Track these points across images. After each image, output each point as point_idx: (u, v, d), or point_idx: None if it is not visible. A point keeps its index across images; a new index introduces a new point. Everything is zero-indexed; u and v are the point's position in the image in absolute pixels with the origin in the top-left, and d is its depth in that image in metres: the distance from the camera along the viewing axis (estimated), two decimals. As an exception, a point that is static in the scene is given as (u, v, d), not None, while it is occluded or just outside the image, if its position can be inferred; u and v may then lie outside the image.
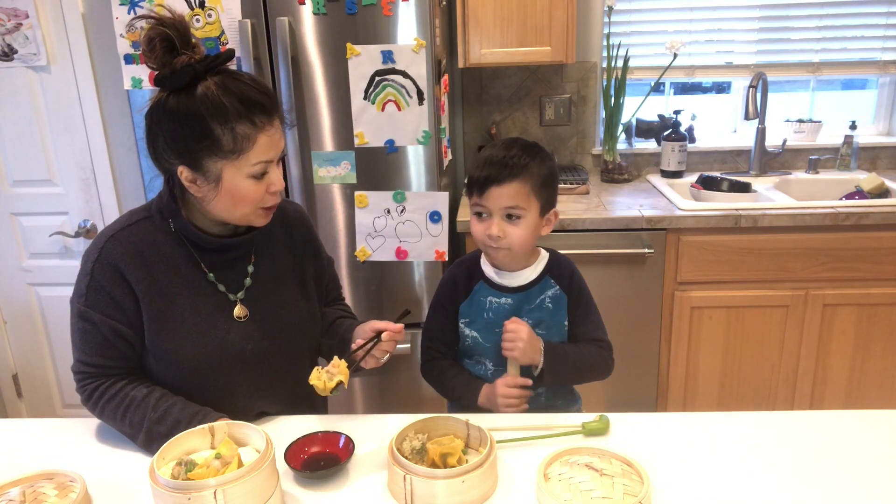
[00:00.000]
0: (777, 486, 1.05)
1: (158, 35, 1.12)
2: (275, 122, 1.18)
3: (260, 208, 1.22)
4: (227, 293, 1.28)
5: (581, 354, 1.37)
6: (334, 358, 1.18)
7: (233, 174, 1.16)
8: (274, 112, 1.17)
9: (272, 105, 1.17)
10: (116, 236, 1.23)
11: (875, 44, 2.75)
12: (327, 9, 1.97)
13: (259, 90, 1.16)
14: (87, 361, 1.23)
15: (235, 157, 1.15)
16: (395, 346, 1.28)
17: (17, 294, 2.58)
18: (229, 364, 1.26)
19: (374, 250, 2.16)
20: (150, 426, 1.18)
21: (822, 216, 2.21)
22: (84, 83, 2.34)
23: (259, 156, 1.16)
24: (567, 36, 2.38)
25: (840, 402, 2.39)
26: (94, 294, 1.21)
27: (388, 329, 1.24)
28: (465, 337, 1.40)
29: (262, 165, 1.17)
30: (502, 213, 1.30)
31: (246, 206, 1.20)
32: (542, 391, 1.40)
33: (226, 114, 1.12)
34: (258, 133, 1.15)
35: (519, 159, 1.28)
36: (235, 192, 1.18)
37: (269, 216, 1.26)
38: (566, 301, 1.38)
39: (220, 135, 1.13)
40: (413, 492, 1.00)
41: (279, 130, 1.19)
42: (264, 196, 1.21)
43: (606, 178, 2.76)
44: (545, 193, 1.32)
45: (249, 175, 1.17)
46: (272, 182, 1.20)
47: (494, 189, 1.28)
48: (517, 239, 1.30)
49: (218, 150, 1.14)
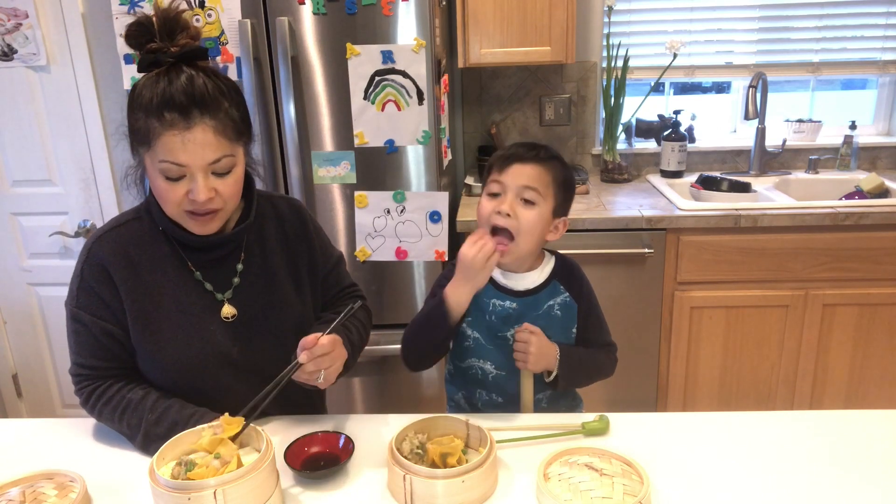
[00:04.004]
0: (777, 486, 1.05)
1: (138, 20, 1.13)
2: (194, 127, 1.10)
3: (186, 213, 1.17)
4: (215, 292, 1.27)
5: (592, 358, 1.36)
6: (225, 415, 1.06)
7: (150, 167, 1.15)
8: (195, 116, 1.10)
9: (194, 107, 1.10)
10: (104, 237, 1.23)
11: (875, 44, 2.75)
12: (327, 9, 1.97)
13: (187, 91, 1.10)
14: (82, 363, 1.23)
15: (146, 149, 1.13)
16: (326, 362, 1.14)
17: (16, 294, 2.58)
18: (216, 366, 1.25)
19: (374, 250, 2.16)
20: (147, 428, 1.18)
21: (822, 216, 2.21)
22: (84, 83, 2.34)
23: (164, 154, 1.11)
24: (567, 36, 2.38)
25: (840, 402, 2.39)
26: (85, 295, 1.21)
27: (304, 345, 1.12)
28: (465, 337, 1.37)
29: (168, 165, 1.11)
30: (518, 194, 1.27)
31: (169, 206, 1.17)
32: (543, 396, 1.38)
33: (141, 104, 1.11)
34: (164, 130, 1.09)
35: (546, 152, 1.30)
36: (155, 188, 1.16)
37: (205, 225, 1.19)
38: (576, 309, 1.36)
39: (134, 123, 1.14)
40: (413, 492, 1.00)
41: (204, 139, 1.11)
42: (184, 200, 1.15)
43: (606, 178, 2.76)
44: (561, 195, 1.31)
45: (160, 172, 1.13)
46: (191, 190, 1.13)
47: (517, 166, 1.27)
48: (527, 223, 1.26)
49: (136, 138, 1.15)
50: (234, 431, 1.05)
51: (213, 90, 1.13)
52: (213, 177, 1.15)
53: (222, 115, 1.13)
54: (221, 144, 1.13)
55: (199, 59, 1.16)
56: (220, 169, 1.15)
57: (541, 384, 1.36)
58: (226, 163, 1.15)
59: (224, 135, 1.13)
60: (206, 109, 1.11)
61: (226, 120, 1.14)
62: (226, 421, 1.06)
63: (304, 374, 1.15)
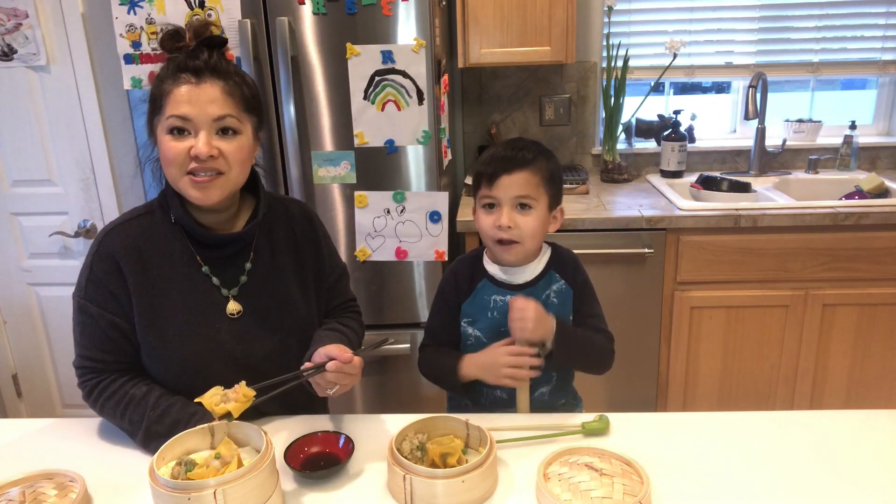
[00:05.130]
0: (777, 486, 1.05)
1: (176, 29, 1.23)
2: (204, 82, 1.17)
3: (187, 175, 1.19)
4: (221, 287, 1.27)
5: (589, 338, 1.36)
6: (242, 383, 1.09)
7: (160, 132, 1.19)
8: (206, 76, 1.18)
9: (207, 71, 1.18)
10: (115, 230, 1.25)
11: (875, 44, 2.75)
12: (327, 9, 1.97)
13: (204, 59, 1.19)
14: (86, 356, 1.24)
15: (159, 115, 1.19)
16: (346, 380, 1.18)
17: (16, 294, 2.58)
18: (219, 363, 1.25)
19: (374, 250, 2.16)
20: (148, 425, 1.18)
21: (822, 216, 2.21)
22: (84, 83, 2.34)
23: (172, 109, 1.16)
24: (567, 36, 2.38)
25: (840, 401, 2.39)
26: (93, 287, 1.22)
27: (339, 358, 1.15)
28: (467, 336, 1.38)
29: (174, 120, 1.16)
30: (513, 204, 1.30)
31: (171, 168, 1.19)
32: (546, 390, 1.39)
33: (160, 76, 1.21)
34: (175, 87, 1.17)
35: (527, 153, 1.31)
36: (162, 150, 1.20)
37: (205, 190, 1.20)
38: (571, 295, 1.38)
39: (153, 93, 1.21)
40: (413, 492, 1.00)
41: (212, 94, 1.17)
42: (185, 158, 1.17)
43: (606, 178, 2.76)
44: (552, 188, 1.34)
45: (167, 129, 1.18)
46: (193, 144, 1.17)
47: (505, 178, 1.29)
48: (528, 229, 1.30)
49: (152, 109, 1.21)
50: (244, 404, 1.07)
51: (227, 65, 1.22)
52: (217, 137, 1.19)
53: (232, 82, 1.20)
54: (227, 104, 1.19)
55: (219, 48, 1.23)
56: (225, 127, 1.19)
57: (541, 382, 1.36)
58: (231, 122, 1.19)
59: (232, 97, 1.20)
60: (217, 73, 1.19)
61: (234, 87, 1.20)
62: (242, 389, 1.08)
63: (323, 382, 1.18)
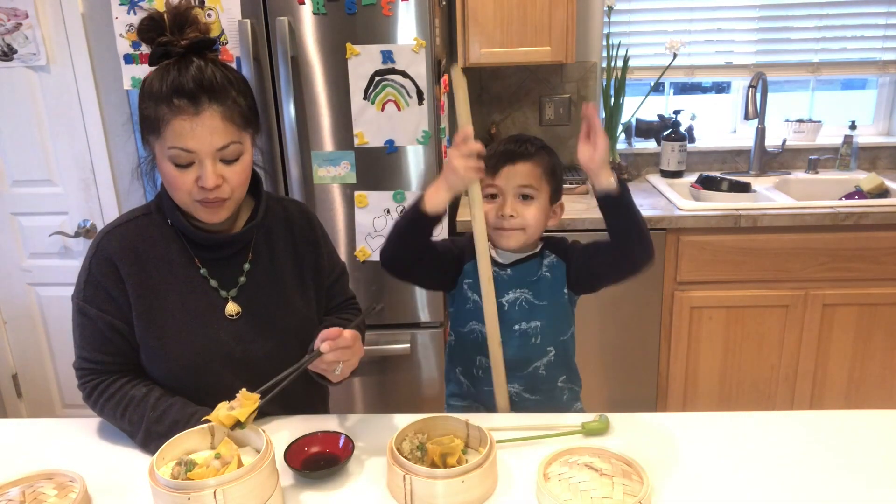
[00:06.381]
0: (777, 486, 1.05)
1: (150, 15, 1.17)
2: (203, 112, 1.12)
3: (196, 201, 1.18)
4: (220, 289, 1.27)
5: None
6: (242, 390, 1.06)
7: (160, 155, 1.17)
8: (204, 102, 1.12)
9: (203, 94, 1.13)
10: (113, 232, 1.25)
11: (875, 44, 2.75)
12: (327, 9, 1.97)
13: (196, 79, 1.12)
14: (86, 357, 1.24)
15: (156, 137, 1.15)
16: (347, 355, 1.16)
17: (16, 294, 2.58)
18: (218, 364, 1.25)
19: (374, 250, 2.16)
20: (148, 425, 1.18)
21: (822, 216, 2.21)
22: (84, 83, 2.33)
23: (173, 140, 1.13)
24: (567, 36, 2.38)
25: (840, 402, 2.39)
26: (92, 289, 1.22)
27: (329, 336, 1.13)
28: (465, 300, 1.41)
29: (177, 152, 1.13)
30: (515, 193, 1.34)
31: (179, 194, 1.18)
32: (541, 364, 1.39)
33: (151, 93, 1.14)
34: (173, 116, 1.12)
35: (530, 146, 1.37)
36: (164, 175, 1.18)
37: (214, 213, 1.20)
38: (565, 268, 1.40)
39: (144, 112, 1.16)
40: (413, 492, 1.00)
41: (212, 125, 1.13)
42: (193, 188, 1.16)
43: (606, 178, 2.75)
44: (553, 182, 1.38)
45: (168, 158, 1.15)
46: (200, 176, 1.15)
47: (508, 168, 1.34)
48: (531, 218, 1.34)
49: (146, 127, 1.17)
50: (249, 407, 1.04)
51: (221, 79, 1.16)
52: (221, 164, 1.17)
53: (230, 102, 1.16)
54: (229, 130, 1.16)
55: (208, 51, 1.19)
56: (229, 156, 1.17)
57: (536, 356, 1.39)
58: (234, 149, 1.17)
59: (232, 121, 1.16)
60: (214, 96, 1.14)
61: (233, 107, 1.16)
62: (243, 395, 1.06)
63: (323, 364, 1.16)
